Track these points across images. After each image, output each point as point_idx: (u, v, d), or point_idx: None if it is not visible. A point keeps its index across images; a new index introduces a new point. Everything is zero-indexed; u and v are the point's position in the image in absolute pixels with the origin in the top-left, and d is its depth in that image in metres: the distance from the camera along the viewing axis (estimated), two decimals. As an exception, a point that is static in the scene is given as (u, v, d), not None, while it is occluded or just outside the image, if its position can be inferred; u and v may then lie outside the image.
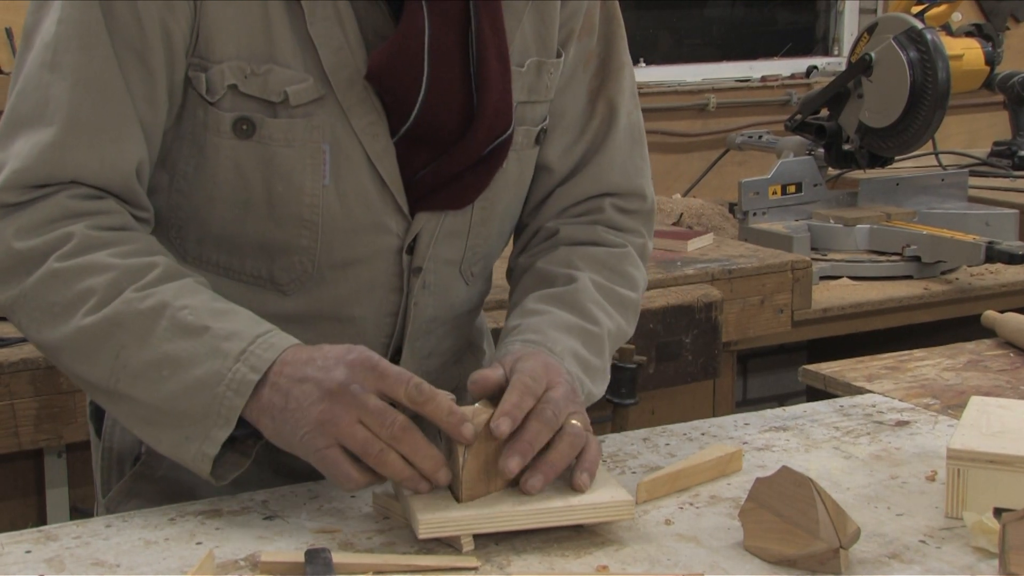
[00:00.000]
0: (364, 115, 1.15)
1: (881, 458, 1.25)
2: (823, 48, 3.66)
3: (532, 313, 1.22)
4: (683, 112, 3.22)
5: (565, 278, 1.26)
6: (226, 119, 1.13)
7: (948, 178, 2.80)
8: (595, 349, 1.21)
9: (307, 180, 1.15)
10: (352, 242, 1.18)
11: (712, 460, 1.19)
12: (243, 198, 1.16)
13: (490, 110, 1.16)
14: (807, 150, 2.66)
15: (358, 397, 1.02)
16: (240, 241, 1.18)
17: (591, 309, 1.23)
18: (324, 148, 1.14)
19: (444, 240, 1.22)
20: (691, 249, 2.31)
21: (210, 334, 1.06)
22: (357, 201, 1.17)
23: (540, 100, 1.25)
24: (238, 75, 1.12)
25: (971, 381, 1.54)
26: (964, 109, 3.48)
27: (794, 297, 2.27)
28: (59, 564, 1.01)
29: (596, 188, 1.31)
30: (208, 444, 1.05)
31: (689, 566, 1.01)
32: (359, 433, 1.02)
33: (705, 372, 2.09)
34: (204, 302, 1.09)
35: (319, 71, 1.13)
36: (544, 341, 1.17)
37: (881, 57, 2.48)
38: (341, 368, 1.04)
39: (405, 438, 1.02)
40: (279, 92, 1.12)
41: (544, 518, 1.04)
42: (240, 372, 1.05)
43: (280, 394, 1.04)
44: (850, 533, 1.00)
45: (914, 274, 2.46)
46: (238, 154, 1.14)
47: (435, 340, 1.27)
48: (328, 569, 0.96)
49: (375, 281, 1.21)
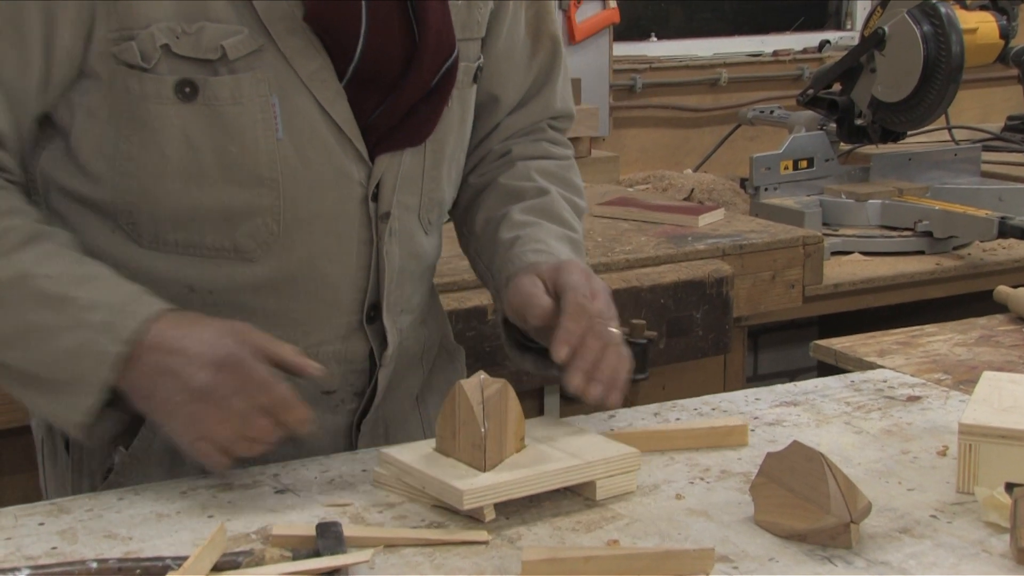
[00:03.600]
0: (309, 61, 1.13)
1: (892, 433, 1.24)
2: (835, 22, 3.63)
3: (525, 224, 1.27)
4: (694, 87, 3.20)
5: (534, 191, 1.32)
6: (167, 83, 1.11)
7: (961, 153, 2.78)
8: (581, 254, 1.29)
9: (260, 136, 1.13)
10: (315, 195, 1.17)
11: (705, 428, 1.20)
12: (196, 167, 1.13)
13: (432, 36, 1.16)
14: (819, 125, 2.65)
15: (221, 402, 1.05)
16: (198, 214, 1.15)
17: (568, 219, 1.31)
18: (273, 101, 1.13)
19: (403, 184, 1.22)
20: (702, 224, 2.30)
21: (72, 304, 1.07)
22: (315, 151, 1.15)
23: (473, 37, 1.26)
24: (169, 36, 1.10)
25: (983, 356, 1.53)
26: (978, 83, 3.46)
27: (805, 272, 2.26)
28: (72, 536, 1.01)
29: (542, 115, 1.39)
30: (78, 413, 1.07)
31: (700, 541, 1.01)
32: (224, 433, 1.06)
33: (716, 347, 2.09)
34: (65, 268, 1.09)
35: (255, 22, 1.11)
36: (551, 250, 1.23)
37: (894, 31, 2.46)
38: (206, 369, 1.05)
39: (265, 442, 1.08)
40: (215, 48, 1.10)
41: (568, 476, 1.07)
42: (102, 344, 1.06)
43: (147, 379, 1.06)
44: (861, 508, 1.00)
45: (926, 249, 2.45)
46: (184, 120, 1.12)
47: (406, 295, 1.27)
48: (339, 542, 0.97)
49: (343, 234, 1.19)
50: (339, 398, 1.25)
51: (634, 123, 3.14)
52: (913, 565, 0.97)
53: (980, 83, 3.48)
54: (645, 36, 3.28)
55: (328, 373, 1.20)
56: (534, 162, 1.36)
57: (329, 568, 0.93)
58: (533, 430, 1.13)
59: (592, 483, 1.08)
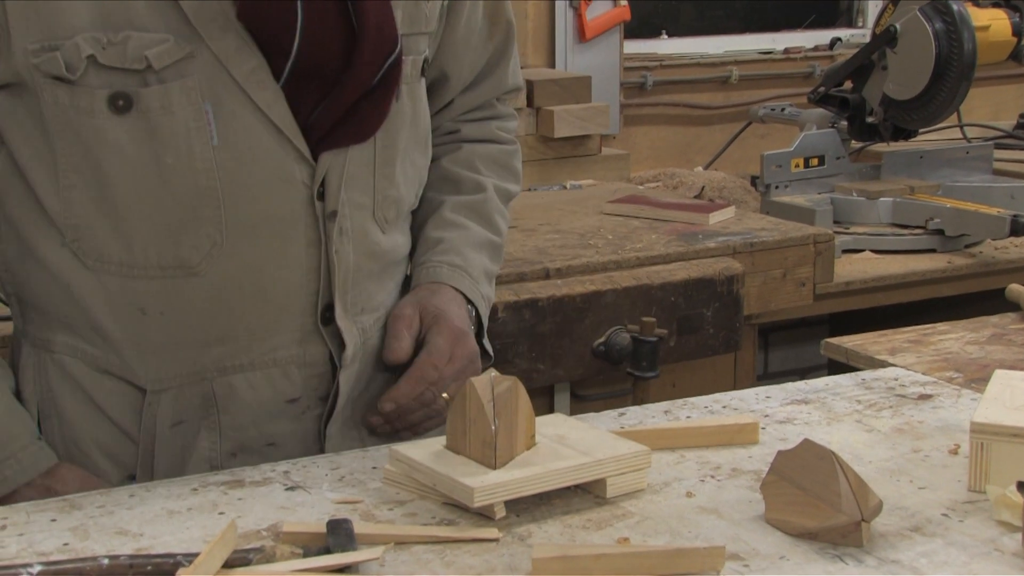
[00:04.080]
0: (244, 63, 1.11)
1: (904, 431, 1.24)
2: (847, 20, 3.62)
3: (452, 225, 1.34)
4: (705, 84, 3.20)
5: (473, 184, 1.38)
6: (99, 96, 1.09)
7: (973, 151, 2.77)
8: (497, 259, 1.38)
9: (195, 144, 1.12)
10: (257, 200, 1.15)
11: (715, 426, 1.20)
12: (134, 180, 1.12)
13: (371, 29, 1.15)
14: (830, 123, 2.64)
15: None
16: (141, 227, 1.14)
17: (497, 220, 1.38)
18: (206, 108, 1.11)
19: (352, 182, 1.20)
20: (713, 222, 2.30)
21: None
22: (253, 156, 1.14)
23: (421, 31, 1.26)
24: (95, 46, 1.08)
25: (995, 355, 1.53)
26: (990, 81, 3.44)
27: (816, 270, 2.25)
28: (83, 533, 1.02)
29: (494, 93, 1.42)
30: None
31: (710, 539, 1.01)
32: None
33: (726, 345, 2.09)
34: None
35: (183, 25, 1.09)
36: (465, 266, 1.32)
37: (906, 28, 2.45)
38: None
39: None
40: (140, 58, 1.08)
41: (578, 474, 1.06)
42: None
43: None
44: (872, 506, 0.99)
45: (937, 247, 2.44)
46: (119, 134, 1.10)
47: (365, 295, 1.26)
48: (350, 539, 0.97)
49: (290, 236, 1.18)
50: (304, 405, 1.24)
51: (644, 121, 3.13)
52: (924, 564, 0.97)
53: (992, 81, 3.47)
54: (656, 34, 3.28)
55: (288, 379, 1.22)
56: (480, 147, 1.40)
57: (339, 565, 0.93)
58: (543, 428, 1.13)
59: (602, 481, 1.08)
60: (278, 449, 1.23)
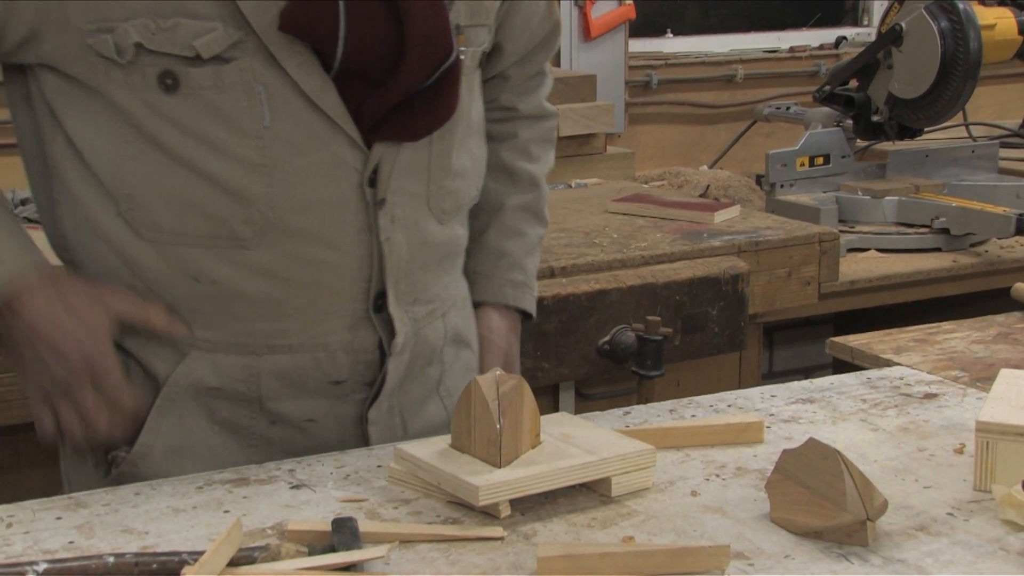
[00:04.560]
0: (293, 56, 1.12)
1: (909, 431, 1.24)
2: (852, 18, 3.62)
3: (513, 235, 1.42)
4: (710, 83, 3.20)
5: (529, 181, 1.44)
6: (149, 74, 1.11)
7: (978, 149, 2.77)
8: (540, 247, 1.47)
9: (246, 122, 1.13)
10: (309, 182, 1.16)
11: (720, 425, 1.20)
12: (187, 153, 1.13)
13: (420, 38, 1.14)
14: (835, 121, 2.64)
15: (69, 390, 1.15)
16: (194, 200, 1.15)
17: (546, 212, 1.47)
18: (258, 88, 1.12)
19: (405, 171, 1.20)
20: (718, 221, 2.30)
21: None
22: (305, 138, 1.15)
23: (483, 23, 1.26)
24: (143, 32, 1.09)
25: (1000, 354, 1.53)
26: (995, 80, 3.44)
27: (821, 269, 2.25)
28: (89, 531, 1.02)
29: (546, 60, 1.46)
30: None
31: (715, 537, 1.01)
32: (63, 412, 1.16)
33: (731, 344, 2.08)
34: None
35: (235, 16, 1.10)
36: (526, 280, 1.43)
37: (912, 27, 2.45)
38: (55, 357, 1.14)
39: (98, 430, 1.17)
40: (188, 47, 1.10)
41: (583, 472, 1.06)
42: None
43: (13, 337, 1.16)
44: (877, 505, 0.99)
45: (943, 246, 2.44)
46: (171, 109, 1.12)
47: (420, 285, 1.26)
48: (355, 538, 0.97)
49: (340, 220, 1.18)
50: (348, 388, 1.25)
51: (650, 119, 3.13)
52: (930, 563, 0.97)
53: (998, 79, 3.46)
54: (661, 32, 3.28)
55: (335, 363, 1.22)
56: (532, 129, 1.45)
57: (345, 563, 0.93)
58: (548, 426, 1.13)
59: (607, 480, 1.08)
60: (318, 426, 1.24)
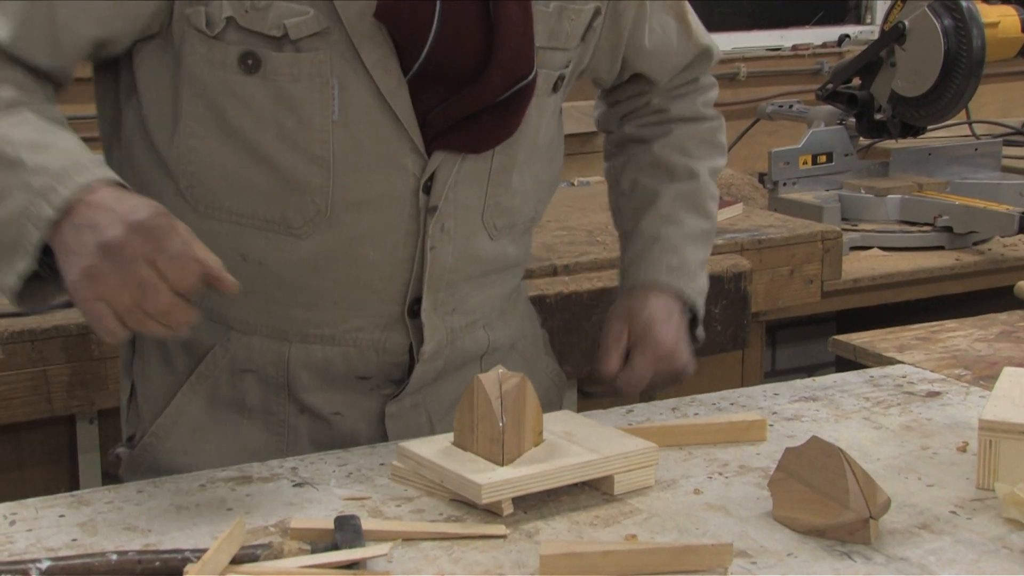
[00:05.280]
0: (375, 49, 1.13)
1: (912, 429, 1.24)
2: (855, 16, 3.61)
3: (667, 222, 1.38)
4: (713, 81, 3.19)
5: (686, 172, 1.40)
6: (232, 53, 1.12)
7: (981, 148, 2.76)
8: (710, 244, 1.42)
9: (316, 114, 1.14)
10: (366, 180, 1.17)
11: (723, 423, 1.20)
12: (253, 137, 1.15)
13: (508, 51, 1.15)
14: (838, 120, 2.64)
15: (127, 264, 1.00)
16: (254, 183, 1.17)
17: (709, 206, 1.41)
18: (332, 83, 1.13)
19: (463, 184, 1.21)
20: (720, 219, 2.28)
21: (21, 167, 1.05)
22: (369, 137, 1.16)
23: (560, 47, 1.25)
24: (237, 9, 1.11)
25: (1003, 352, 1.53)
26: (999, 78, 3.43)
27: (824, 267, 2.25)
28: (92, 529, 1.02)
29: (698, 74, 1.46)
30: (11, 276, 1.05)
31: (718, 535, 1.01)
32: (122, 299, 1.00)
33: (734, 343, 2.08)
34: (26, 134, 1.08)
35: (325, 4, 1.12)
36: (681, 265, 1.36)
37: (915, 25, 2.44)
38: (123, 226, 1.01)
39: (168, 313, 1.01)
40: (278, 26, 1.11)
41: (586, 471, 1.07)
42: (39, 206, 1.04)
43: (73, 233, 1.03)
44: (880, 503, 0.99)
45: (946, 245, 2.44)
46: (246, 90, 1.13)
47: (459, 296, 1.26)
48: (358, 536, 0.97)
49: (390, 222, 1.19)
50: (374, 383, 1.26)
51: (652, 118, 3.12)
52: (932, 561, 0.96)
53: (1001, 77, 3.45)
54: (664, 30, 3.27)
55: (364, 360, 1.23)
56: (689, 127, 1.43)
57: (347, 561, 0.93)
58: (551, 424, 1.13)
59: (610, 478, 1.08)
60: (343, 419, 1.25)
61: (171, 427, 1.24)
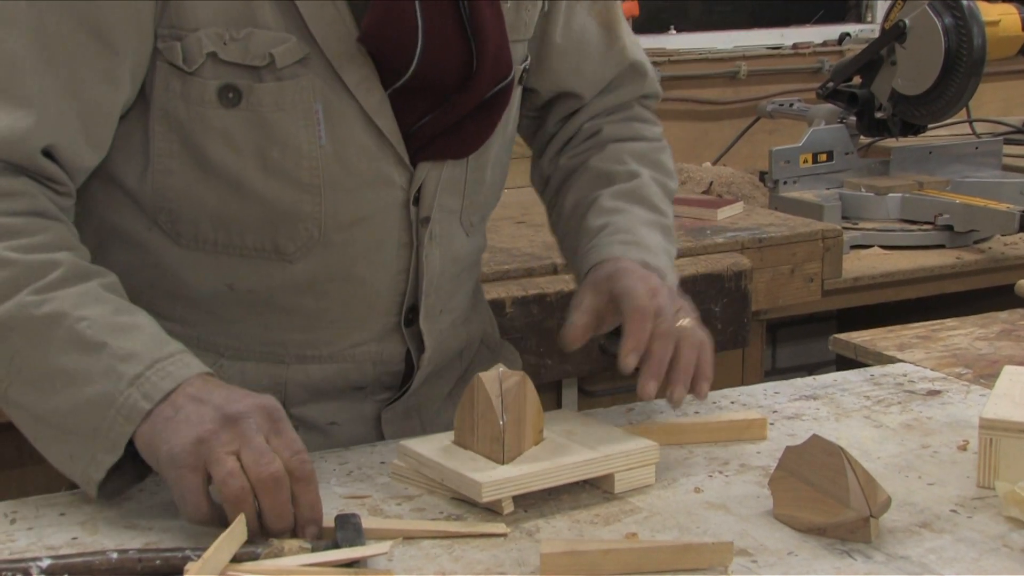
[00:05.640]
0: (356, 71, 1.11)
1: (912, 427, 1.24)
2: (856, 15, 3.61)
3: (613, 211, 1.26)
4: (713, 80, 3.19)
5: (626, 175, 1.31)
6: (210, 88, 1.09)
7: (982, 146, 2.77)
8: (670, 240, 1.29)
9: (303, 142, 1.12)
10: (357, 200, 1.16)
11: (724, 421, 1.20)
12: (237, 170, 1.12)
13: (489, 57, 1.14)
14: (839, 118, 2.64)
15: (246, 431, 0.96)
16: (239, 216, 1.14)
17: (659, 204, 1.30)
18: (317, 108, 1.11)
19: (445, 189, 1.21)
20: (721, 218, 2.29)
21: (107, 352, 1.00)
22: (357, 158, 1.14)
23: (520, 39, 1.24)
24: (216, 42, 1.08)
25: (1004, 351, 1.52)
26: (999, 76, 3.43)
27: (824, 266, 2.25)
28: (92, 527, 1.02)
29: (631, 96, 1.38)
30: (94, 468, 1.00)
31: (718, 534, 1.01)
32: (230, 463, 0.95)
33: (734, 341, 2.08)
34: (105, 315, 1.02)
35: (302, 30, 1.09)
36: (638, 240, 1.23)
37: (915, 23, 2.44)
38: (245, 403, 0.98)
39: (272, 490, 0.96)
40: (263, 55, 1.09)
41: (587, 469, 1.06)
42: (132, 398, 0.99)
43: (172, 409, 0.99)
44: (880, 502, 0.99)
45: (946, 243, 2.44)
46: (226, 124, 1.10)
47: (445, 296, 1.26)
48: (358, 534, 0.97)
49: (383, 237, 1.19)
50: (370, 391, 1.26)
51: (653, 116, 3.12)
52: (933, 560, 0.96)
53: (1002, 76, 3.46)
54: (664, 29, 3.27)
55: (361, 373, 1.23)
56: (626, 144, 1.34)
57: (348, 559, 0.93)
58: (551, 423, 1.13)
59: (611, 476, 1.08)
60: (340, 428, 1.24)
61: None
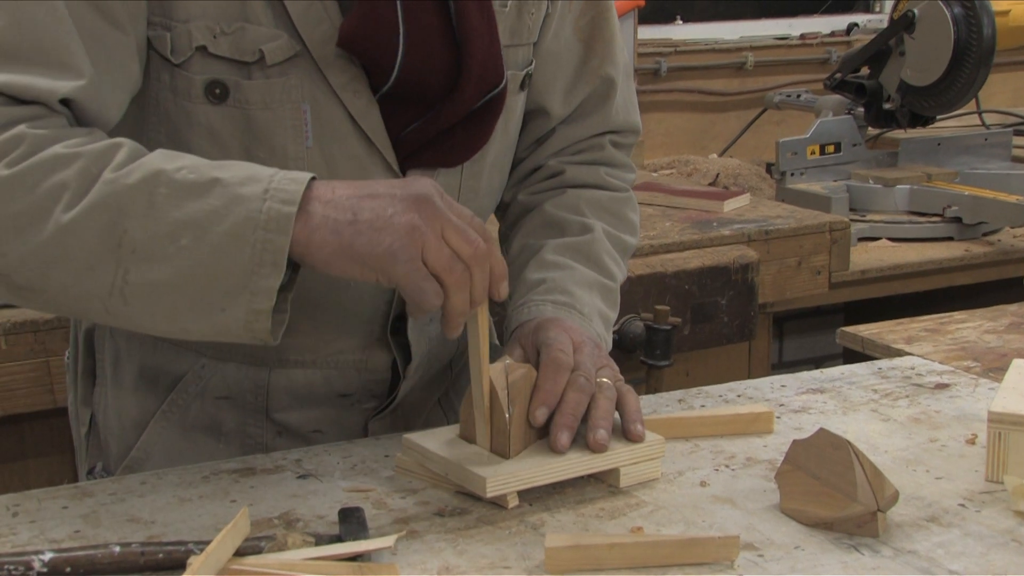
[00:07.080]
0: (342, 72, 1.09)
1: (920, 421, 1.23)
2: (864, 5, 3.60)
3: (554, 266, 1.22)
4: (720, 71, 3.18)
5: (579, 226, 1.26)
6: (196, 82, 1.07)
7: (991, 138, 2.75)
8: (611, 303, 1.24)
9: (289, 143, 1.10)
10: None
11: (730, 415, 1.19)
12: None
13: (477, 64, 1.12)
14: (846, 109, 2.63)
15: (442, 211, 0.94)
16: None
17: (607, 263, 1.25)
18: (304, 108, 1.09)
19: None
20: (727, 210, 2.29)
21: (222, 185, 0.95)
22: (344, 162, 1.12)
23: (523, 43, 1.22)
24: (207, 35, 1.06)
25: (1013, 344, 1.52)
26: (1009, 67, 3.42)
27: (832, 258, 2.24)
28: (95, 520, 1.02)
29: (600, 128, 1.32)
30: (260, 299, 0.95)
31: (725, 528, 1.00)
32: (444, 249, 0.94)
33: (741, 334, 2.08)
34: (199, 160, 0.98)
35: (291, 28, 1.08)
36: (573, 303, 1.19)
37: (924, 13, 2.43)
38: (418, 183, 0.96)
39: (483, 263, 0.95)
40: (253, 51, 1.07)
41: (593, 463, 1.06)
42: (273, 209, 0.94)
43: (341, 210, 0.95)
44: (888, 496, 0.99)
45: (955, 235, 2.43)
46: (212, 120, 1.08)
47: None
48: (362, 528, 0.96)
49: None
50: (355, 399, 1.24)
51: (659, 107, 3.12)
52: (941, 554, 0.96)
53: (1012, 66, 3.44)
54: (671, 19, 3.27)
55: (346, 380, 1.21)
56: (587, 192, 1.29)
57: (352, 553, 0.93)
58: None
59: (616, 470, 1.07)
60: (324, 436, 1.23)
61: (145, 458, 1.21)
